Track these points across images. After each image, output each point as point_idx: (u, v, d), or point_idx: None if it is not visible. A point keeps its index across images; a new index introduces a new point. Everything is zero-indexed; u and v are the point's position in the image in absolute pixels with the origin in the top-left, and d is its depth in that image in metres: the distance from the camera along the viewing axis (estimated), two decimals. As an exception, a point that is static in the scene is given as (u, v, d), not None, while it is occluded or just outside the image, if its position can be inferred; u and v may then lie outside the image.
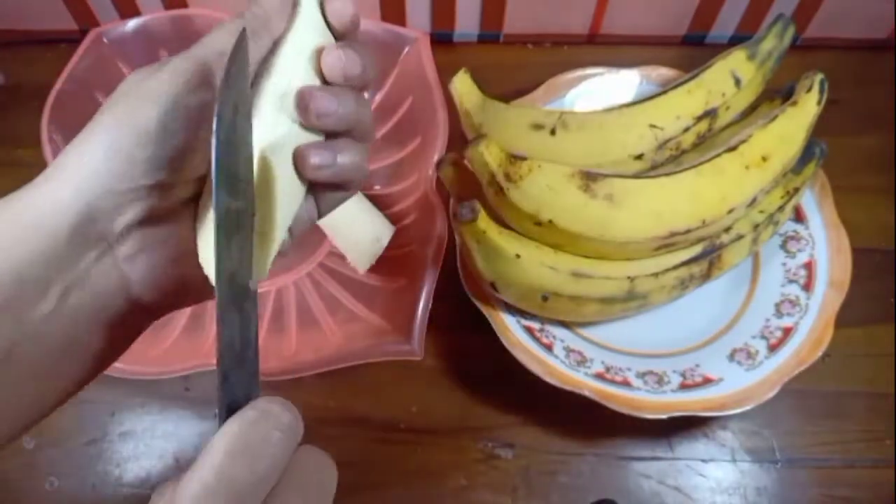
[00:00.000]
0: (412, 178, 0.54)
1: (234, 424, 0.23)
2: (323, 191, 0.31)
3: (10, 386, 0.25)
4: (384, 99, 0.58)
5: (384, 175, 0.57)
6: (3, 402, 0.25)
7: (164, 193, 0.27)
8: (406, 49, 0.56)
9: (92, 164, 0.25)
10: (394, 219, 0.54)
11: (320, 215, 0.32)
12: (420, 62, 0.54)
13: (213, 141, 0.24)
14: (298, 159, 0.28)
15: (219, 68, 0.27)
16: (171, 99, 0.26)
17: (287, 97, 0.28)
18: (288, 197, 0.28)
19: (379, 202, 0.56)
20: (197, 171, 0.27)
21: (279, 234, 0.27)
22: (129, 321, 0.28)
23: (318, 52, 0.29)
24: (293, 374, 0.45)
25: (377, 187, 0.56)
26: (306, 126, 0.28)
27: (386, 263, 0.52)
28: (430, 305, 0.46)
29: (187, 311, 0.51)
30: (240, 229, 0.25)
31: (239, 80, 0.25)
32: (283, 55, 0.28)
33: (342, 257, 0.54)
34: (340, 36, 0.30)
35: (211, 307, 0.52)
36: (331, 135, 0.30)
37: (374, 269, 0.53)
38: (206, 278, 0.27)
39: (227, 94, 0.24)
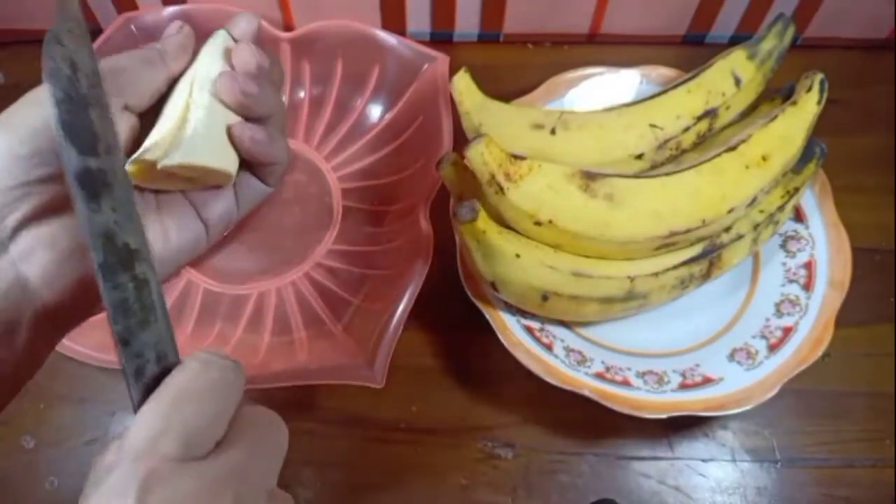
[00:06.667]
0: (409, 199, 0.53)
1: (177, 374, 0.23)
2: (249, 170, 0.35)
3: None
4: (395, 116, 0.57)
5: (382, 192, 0.56)
6: None
7: (56, 186, 0.27)
8: (424, 67, 0.55)
9: None
10: (384, 238, 0.54)
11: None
12: (435, 84, 0.54)
13: (51, 98, 0.23)
14: (236, 132, 0.31)
15: (111, 73, 0.28)
16: None
17: (207, 82, 0.31)
18: (217, 149, 0.32)
19: (372, 218, 0.55)
20: None
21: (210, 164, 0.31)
22: (37, 330, 0.27)
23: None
24: (252, 385, 0.44)
25: (373, 203, 0.56)
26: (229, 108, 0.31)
27: (372, 281, 0.52)
28: (398, 334, 0.46)
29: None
30: (110, 188, 0.24)
31: (72, 38, 0.24)
32: (192, 73, 0.32)
33: (330, 270, 0.53)
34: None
35: (191, 297, 0.52)
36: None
37: (359, 286, 0.52)
38: None
39: (57, 51, 0.23)
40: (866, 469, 0.47)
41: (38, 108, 0.27)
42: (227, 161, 0.32)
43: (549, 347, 0.47)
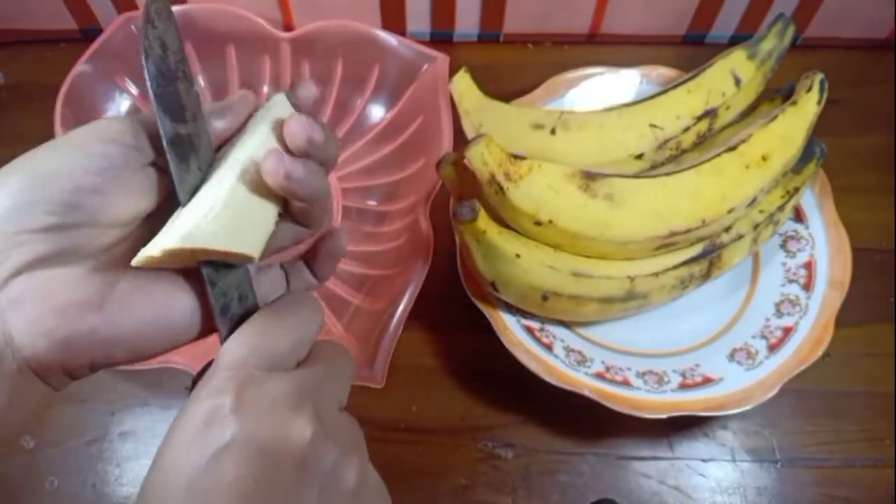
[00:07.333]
0: (409, 199, 0.53)
1: (270, 307, 0.28)
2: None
3: None
4: (395, 116, 0.57)
5: (382, 192, 0.56)
6: None
7: (61, 237, 0.25)
8: (424, 67, 0.55)
9: None
10: (385, 238, 0.54)
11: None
12: (435, 84, 0.54)
13: (147, 74, 0.26)
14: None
15: (141, 129, 0.27)
16: (74, 144, 0.26)
17: (252, 165, 0.27)
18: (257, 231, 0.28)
19: (372, 218, 0.55)
20: (101, 216, 0.26)
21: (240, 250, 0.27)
22: (18, 385, 0.26)
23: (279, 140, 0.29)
24: None
25: (373, 203, 0.56)
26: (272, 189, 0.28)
27: (372, 281, 0.52)
28: (398, 334, 0.46)
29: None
30: (196, 150, 0.27)
31: (161, 20, 0.27)
32: (242, 145, 0.28)
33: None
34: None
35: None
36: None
37: (359, 286, 0.52)
38: (96, 339, 0.26)
39: (151, 32, 0.26)
40: (866, 469, 0.47)
41: (53, 155, 0.26)
42: (249, 243, 0.27)
43: (549, 347, 0.47)
